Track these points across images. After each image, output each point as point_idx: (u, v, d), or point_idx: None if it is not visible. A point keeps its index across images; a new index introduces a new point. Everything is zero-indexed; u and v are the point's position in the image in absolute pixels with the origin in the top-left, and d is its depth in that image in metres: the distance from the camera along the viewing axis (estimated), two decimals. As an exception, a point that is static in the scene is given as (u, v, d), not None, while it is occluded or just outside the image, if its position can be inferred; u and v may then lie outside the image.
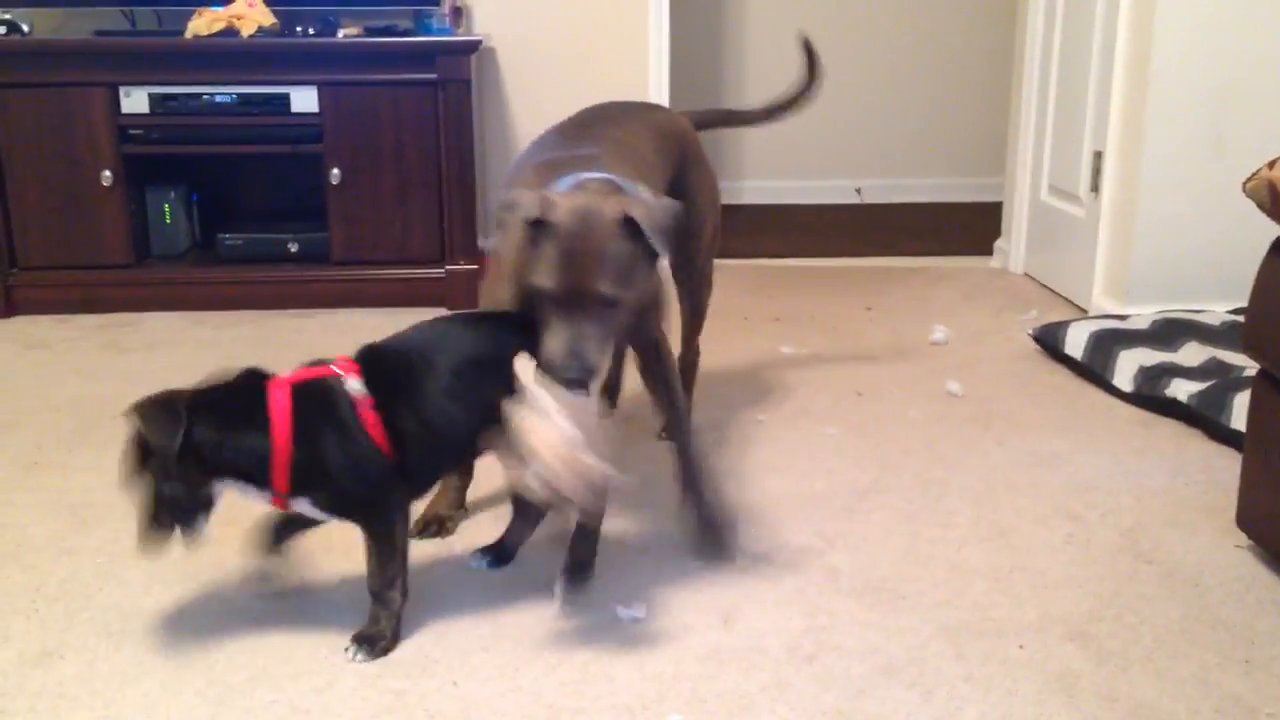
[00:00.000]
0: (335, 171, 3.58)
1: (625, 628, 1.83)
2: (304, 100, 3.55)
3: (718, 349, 2.48)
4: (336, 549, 2.03)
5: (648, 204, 1.72)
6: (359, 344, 1.82)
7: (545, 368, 1.66)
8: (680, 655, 1.75)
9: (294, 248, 3.70)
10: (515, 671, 1.71)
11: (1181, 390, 2.63)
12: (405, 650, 1.76)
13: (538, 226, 1.69)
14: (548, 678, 1.70)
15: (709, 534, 2.04)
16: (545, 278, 1.67)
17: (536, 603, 1.90)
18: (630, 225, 1.68)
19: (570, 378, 1.65)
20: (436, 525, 2.15)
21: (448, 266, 3.64)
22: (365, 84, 3.55)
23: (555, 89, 3.99)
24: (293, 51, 3.56)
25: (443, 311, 3.48)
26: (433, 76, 3.53)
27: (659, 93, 3.99)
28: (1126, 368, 2.81)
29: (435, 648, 1.77)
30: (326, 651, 1.76)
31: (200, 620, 1.85)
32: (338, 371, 1.74)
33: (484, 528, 2.15)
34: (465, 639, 1.80)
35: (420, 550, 2.07)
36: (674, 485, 2.08)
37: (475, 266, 3.62)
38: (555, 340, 1.67)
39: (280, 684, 1.67)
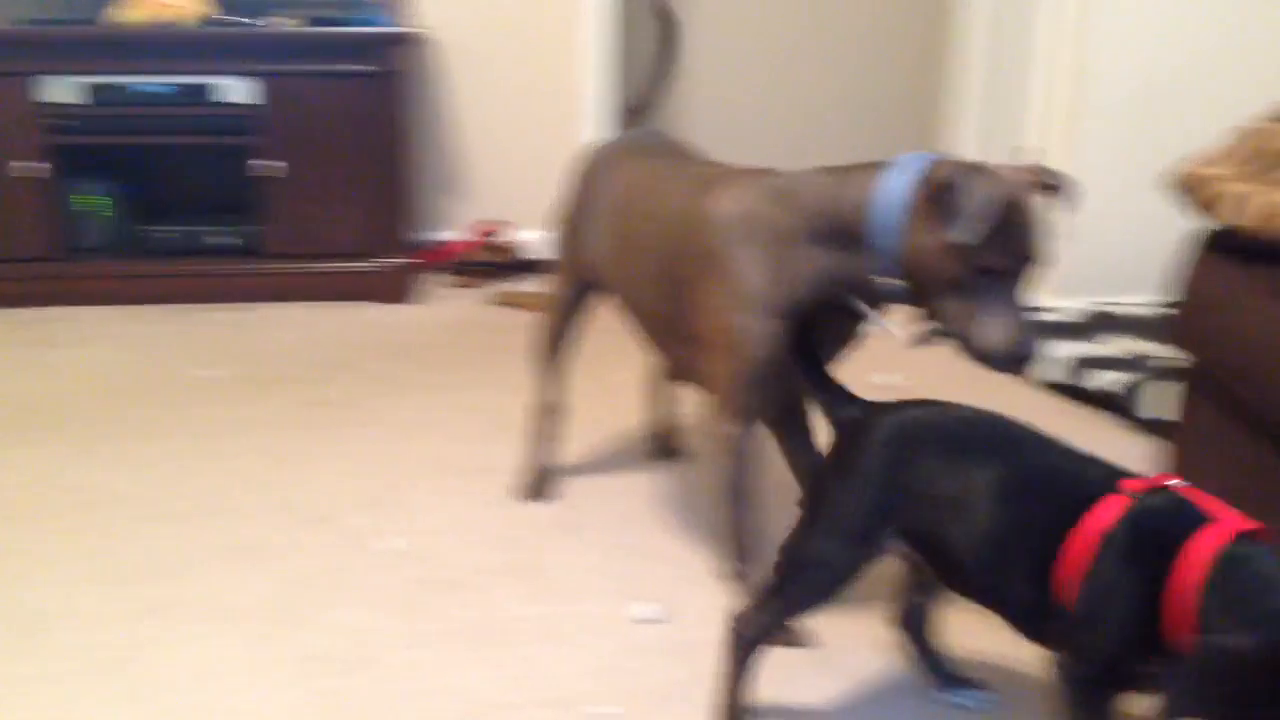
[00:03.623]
0: (270, 164, 3.53)
1: (559, 621, 1.82)
2: (239, 91, 3.48)
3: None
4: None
5: (1053, 173, 1.60)
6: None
7: (997, 354, 1.52)
8: (617, 647, 1.74)
9: (227, 241, 3.63)
10: (446, 668, 1.69)
11: (1104, 380, 2.68)
12: (332, 648, 1.74)
13: (945, 199, 1.53)
14: (479, 674, 1.68)
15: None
16: (999, 254, 1.51)
17: (466, 597, 1.88)
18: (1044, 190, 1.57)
19: (1030, 354, 1.52)
20: (543, 486, 2.25)
21: (382, 260, 3.60)
22: (303, 75, 3.49)
23: (497, 81, 3.96)
24: (229, 41, 3.49)
25: (377, 307, 3.48)
26: (373, 68, 3.48)
27: (598, 89, 3.98)
28: (1054, 358, 2.85)
29: (365, 645, 1.75)
30: (252, 650, 1.73)
31: (111, 623, 1.80)
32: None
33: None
34: (396, 635, 1.77)
35: (335, 546, 2.04)
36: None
37: (409, 261, 3.58)
38: (1003, 321, 1.52)
39: (202, 684, 1.64)
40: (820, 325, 1.69)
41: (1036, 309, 1.52)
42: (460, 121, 3.99)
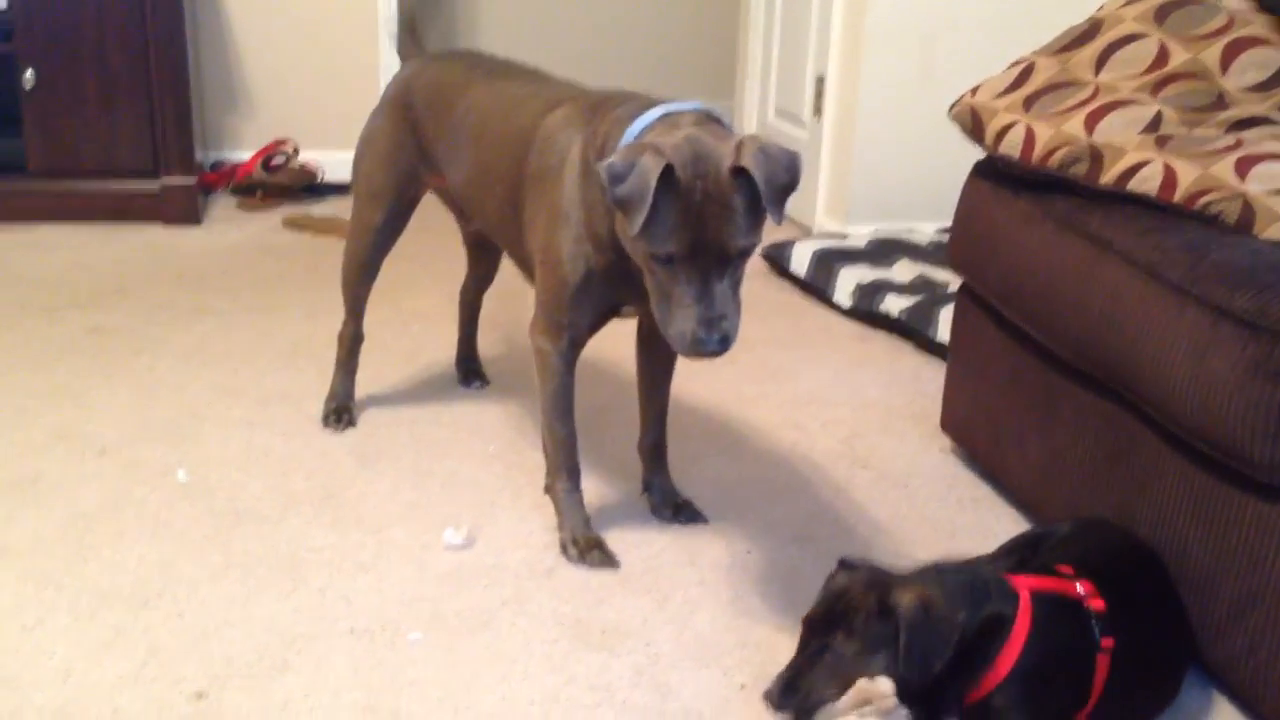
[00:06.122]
0: (29, 73, 3.28)
1: (361, 550, 1.80)
2: (-13, -6, 3.21)
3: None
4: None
5: (764, 150, 1.48)
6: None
7: (679, 344, 1.48)
8: (421, 575, 1.74)
9: (-15, 155, 3.37)
10: (247, 600, 1.66)
11: (894, 305, 2.80)
12: (123, 583, 1.67)
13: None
14: (282, 604, 1.65)
15: (682, 504, 1.97)
16: (665, 242, 1.45)
17: (262, 529, 1.84)
18: (744, 177, 1.46)
19: (710, 350, 1.46)
20: (345, 415, 2.21)
21: (163, 179, 3.41)
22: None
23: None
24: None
25: (158, 229, 3.30)
26: (134, -28, 3.26)
27: (391, 4, 3.85)
28: (846, 284, 2.95)
29: (158, 579, 1.69)
30: (34, 587, 1.64)
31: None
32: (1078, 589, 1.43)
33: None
34: (192, 569, 1.72)
35: (120, 479, 1.96)
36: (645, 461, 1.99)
37: (192, 180, 3.41)
38: (689, 310, 1.45)
39: (-17, 627, 1.56)
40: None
41: (734, 292, 1.50)
42: (243, 30, 3.80)
